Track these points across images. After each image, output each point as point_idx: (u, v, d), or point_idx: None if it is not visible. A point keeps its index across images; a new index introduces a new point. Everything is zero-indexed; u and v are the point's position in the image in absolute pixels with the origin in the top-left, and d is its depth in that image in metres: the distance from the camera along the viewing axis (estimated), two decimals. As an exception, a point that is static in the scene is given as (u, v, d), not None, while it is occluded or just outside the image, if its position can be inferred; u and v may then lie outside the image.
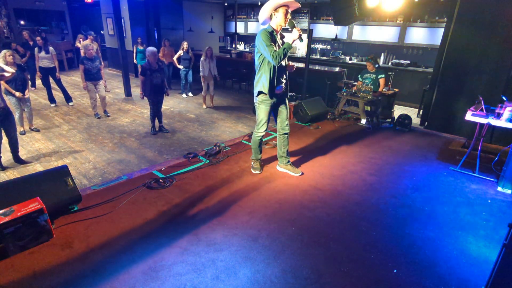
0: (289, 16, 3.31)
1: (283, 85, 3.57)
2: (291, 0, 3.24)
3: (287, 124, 3.79)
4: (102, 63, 6.69)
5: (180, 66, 8.32)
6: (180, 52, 8.18)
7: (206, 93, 7.56)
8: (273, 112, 3.78)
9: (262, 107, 3.61)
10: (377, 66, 6.02)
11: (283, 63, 3.47)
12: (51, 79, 7.19)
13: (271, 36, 3.29)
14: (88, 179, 4.01)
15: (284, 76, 3.57)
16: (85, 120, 6.37)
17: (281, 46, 3.34)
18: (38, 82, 9.22)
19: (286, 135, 3.83)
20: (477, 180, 3.95)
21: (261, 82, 3.48)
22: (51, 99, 7.35)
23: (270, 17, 3.36)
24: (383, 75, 5.93)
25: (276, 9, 3.27)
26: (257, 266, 2.41)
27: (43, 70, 6.99)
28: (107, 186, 3.52)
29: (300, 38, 3.26)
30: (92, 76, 6.13)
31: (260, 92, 3.53)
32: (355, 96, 6.05)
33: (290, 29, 3.33)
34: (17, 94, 4.92)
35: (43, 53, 6.90)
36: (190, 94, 8.83)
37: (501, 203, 3.44)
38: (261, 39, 3.25)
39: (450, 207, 3.34)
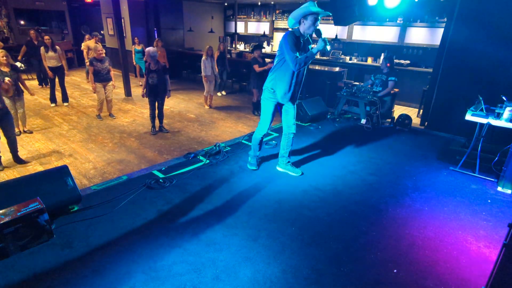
0: (318, 24, 3.30)
1: (298, 87, 3.57)
2: (321, 10, 3.24)
3: (293, 124, 3.79)
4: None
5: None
6: (217, 53, 8.31)
7: (208, 93, 7.55)
8: (280, 111, 3.80)
9: (266, 103, 3.65)
10: (388, 65, 5.95)
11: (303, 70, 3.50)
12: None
13: (297, 40, 3.31)
14: (88, 179, 4.01)
15: (299, 80, 3.57)
16: (85, 120, 6.36)
17: (304, 52, 3.36)
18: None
19: (292, 135, 3.83)
20: (477, 180, 3.95)
21: (274, 80, 3.50)
22: (53, 99, 7.35)
23: (299, 23, 3.37)
24: (393, 78, 5.90)
25: (305, 16, 3.28)
26: (257, 266, 2.41)
27: (51, 70, 7.00)
28: (107, 186, 3.52)
29: (325, 48, 3.21)
30: (102, 78, 6.11)
31: (267, 88, 3.57)
32: (355, 96, 6.04)
33: (316, 37, 3.32)
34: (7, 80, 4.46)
35: (51, 53, 6.91)
36: (223, 92, 9.09)
37: (501, 203, 3.44)
38: (286, 41, 3.27)
39: (450, 207, 3.34)
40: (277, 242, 2.69)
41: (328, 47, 3.22)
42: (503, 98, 3.86)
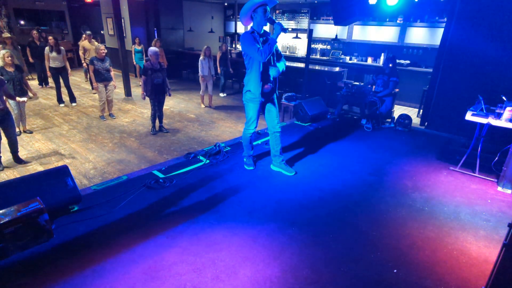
0: (268, 14, 3.35)
1: (270, 84, 3.60)
2: (267, 0, 3.27)
3: (277, 122, 3.80)
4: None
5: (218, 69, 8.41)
6: (219, 53, 8.34)
7: (204, 92, 7.57)
8: (263, 111, 3.81)
9: (250, 105, 3.66)
10: (390, 66, 5.91)
11: (271, 62, 3.54)
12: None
13: (253, 35, 3.36)
14: (88, 179, 4.01)
15: (272, 75, 3.59)
16: (85, 120, 6.37)
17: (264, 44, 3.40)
18: (50, 80, 9.32)
19: (278, 134, 3.83)
20: (477, 180, 3.95)
21: (249, 81, 3.54)
22: (60, 99, 7.37)
23: (251, 19, 3.41)
24: (394, 79, 5.87)
25: (254, 10, 3.32)
26: (257, 266, 2.41)
27: (54, 70, 7.01)
28: (107, 186, 3.52)
29: (283, 29, 3.29)
30: (103, 77, 6.11)
31: (247, 91, 3.59)
32: (355, 96, 6.04)
33: (272, 25, 3.39)
34: (18, 99, 4.54)
35: (54, 54, 6.92)
36: (225, 93, 9.17)
37: (501, 203, 3.43)
38: (244, 40, 3.35)
39: (450, 207, 3.34)
40: (277, 242, 2.69)
41: (284, 29, 3.31)
42: (503, 98, 3.86)
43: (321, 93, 7.18)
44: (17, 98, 4.49)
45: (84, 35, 8.74)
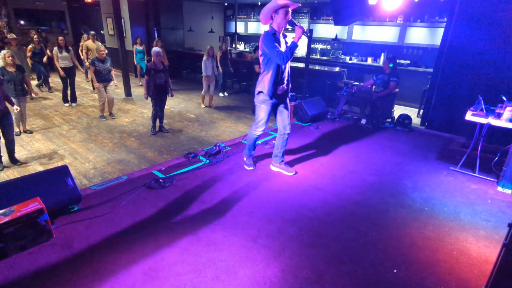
0: (289, 16, 3.31)
1: (284, 85, 3.58)
2: (289, 1, 3.24)
3: (288, 124, 3.79)
4: None
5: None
6: (219, 53, 8.31)
7: (206, 92, 7.57)
8: (274, 112, 3.79)
9: (262, 106, 3.62)
10: (391, 66, 5.89)
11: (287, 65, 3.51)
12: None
13: (274, 37, 3.31)
14: (88, 179, 4.01)
15: (286, 77, 3.58)
16: (85, 120, 6.37)
17: (285, 46, 3.37)
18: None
19: (287, 136, 3.83)
20: (477, 180, 3.95)
21: (263, 82, 3.50)
22: (65, 99, 7.38)
23: (271, 18, 3.37)
24: (395, 79, 5.85)
25: (275, 11, 3.29)
26: (257, 266, 2.41)
27: (63, 70, 7.03)
28: (107, 186, 3.52)
29: (305, 33, 3.26)
30: (103, 78, 6.12)
31: (260, 92, 3.55)
32: (355, 96, 6.04)
33: (291, 28, 3.35)
34: (16, 108, 4.50)
35: (65, 53, 6.94)
36: (225, 93, 9.19)
37: (501, 203, 3.43)
38: (265, 41, 3.28)
39: (450, 207, 3.34)
40: (277, 242, 2.69)
41: (307, 32, 3.28)
42: (503, 98, 3.86)
43: (321, 93, 7.19)
44: (15, 107, 4.41)
45: (84, 36, 8.74)
